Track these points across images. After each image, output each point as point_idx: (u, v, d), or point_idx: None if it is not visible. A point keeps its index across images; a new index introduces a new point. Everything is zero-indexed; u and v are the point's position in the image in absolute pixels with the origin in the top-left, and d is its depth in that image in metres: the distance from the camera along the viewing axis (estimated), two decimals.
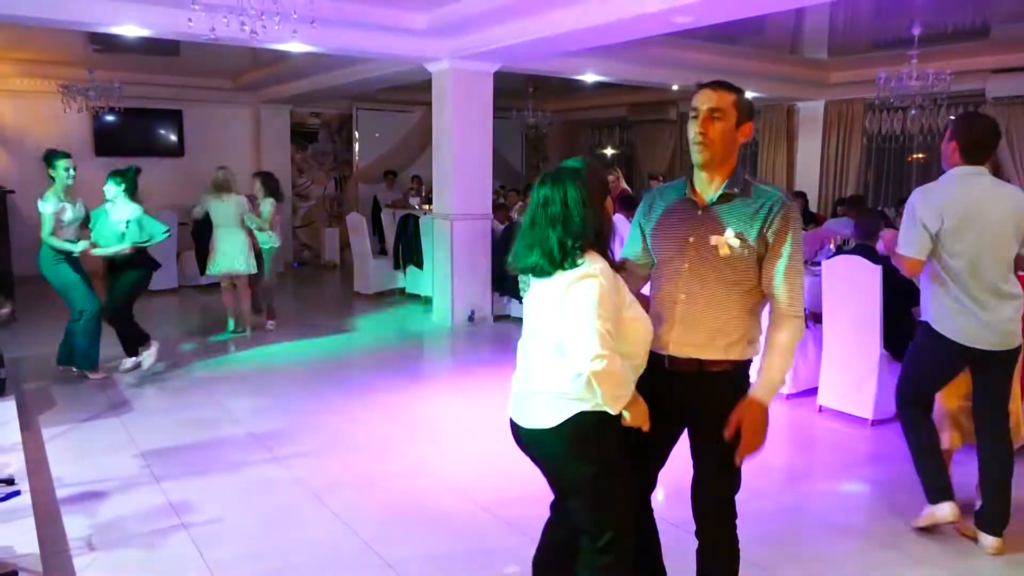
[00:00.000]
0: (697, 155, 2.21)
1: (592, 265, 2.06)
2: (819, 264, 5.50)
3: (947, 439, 3.70)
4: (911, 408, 3.55)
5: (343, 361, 6.56)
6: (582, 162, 2.19)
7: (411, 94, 11.65)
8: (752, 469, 2.41)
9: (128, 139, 11.12)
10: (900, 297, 4.87)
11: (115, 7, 5.63)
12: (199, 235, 9.74)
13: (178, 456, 4.22)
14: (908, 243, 3.23)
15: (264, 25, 3.91)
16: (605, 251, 2.14)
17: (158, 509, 3.55)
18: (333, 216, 13.11)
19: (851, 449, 4.68)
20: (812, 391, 5.28)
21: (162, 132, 11.60)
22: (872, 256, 4.87)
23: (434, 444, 4.64)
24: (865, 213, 7.08)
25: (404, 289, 9.63)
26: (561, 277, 2.07)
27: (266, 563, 3.13)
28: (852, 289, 4.89)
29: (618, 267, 2.22)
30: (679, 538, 2.69)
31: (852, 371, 4.98)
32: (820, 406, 5.19)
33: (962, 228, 3.13)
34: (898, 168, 10.85)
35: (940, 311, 3.27)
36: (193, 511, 3.53)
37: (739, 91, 2.25)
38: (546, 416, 2.12)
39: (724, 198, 2.23)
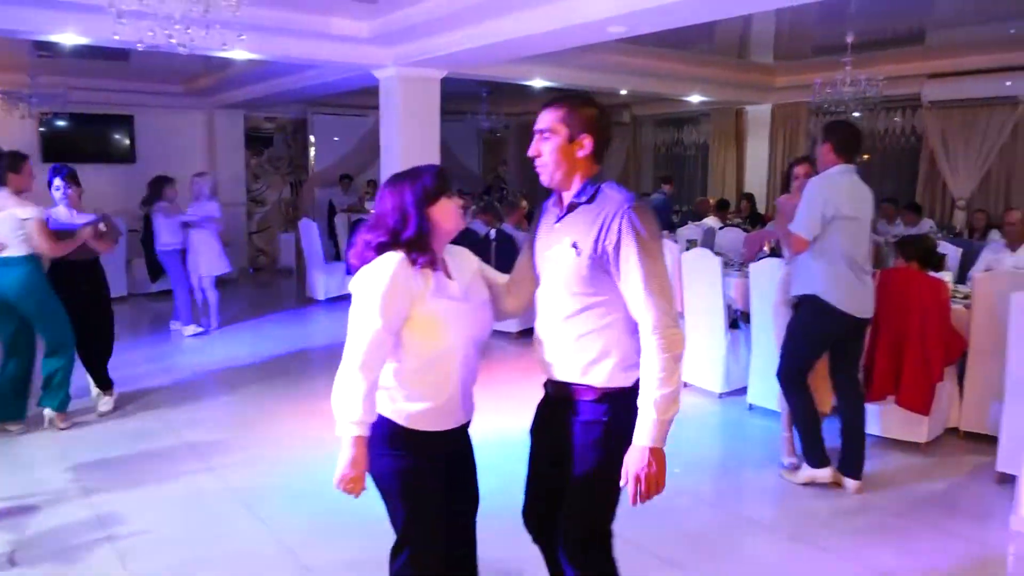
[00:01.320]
0: (540, 176, 2.19)
1: (374, 264, 2.06)
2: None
3: (822, 404, 4.19)
4: (798, 381, 4.03)
5: (290, 368, 6.59)
6: (430, 168, 2.17)
7: (366, 98, 11.62)
8: (692, 470, 2.50)
9: (78, 145, 10.97)
10: None
11: (53, 16, 5.61)
12: (148, 242, 9.71)
13: (111, 468, 4.23)
14: (804, 226, 3.79)
15: (192, 38, 3.95)
16: (422, 250, 2.09)
17: (85, 522, 3.57)
18: (289, 221, 13.08)
19: (777, 446, 4.83)
20: (743, 390, 5.45)
21: (114, 138, 11.50)
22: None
23: None
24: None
25: None
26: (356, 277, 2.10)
27: (188, 573, 3.17)
28: (774, 291, 5.03)
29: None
30: None
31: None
32: (750, 404, 5.35)
33: (848, 214, 3.77)
34: None
35: (831, 284, 3.82)
36: (120, 524, 3.56)
37: (573, 105, 2.14)
38: None
39: (571, 208, 2.15)
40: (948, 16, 7.78)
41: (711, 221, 9.33)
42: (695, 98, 10.70)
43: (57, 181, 5.37)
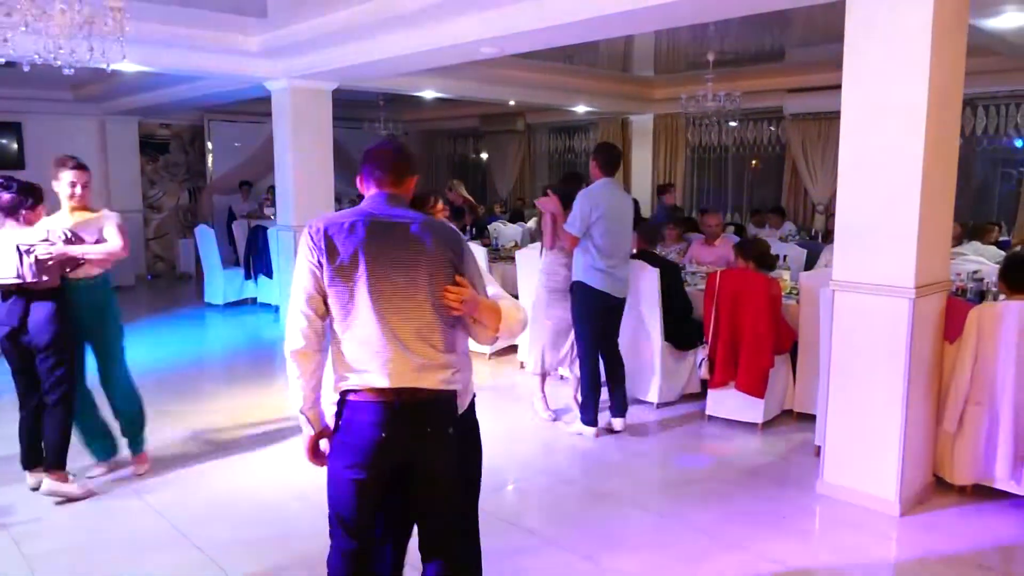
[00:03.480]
0: None
1: None
2: None
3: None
4: (593, 355, 5.09)
5: (188, 370, 6.78)
6: None
7: (264, 106, 11.66)
8: (554, 453, 2.84)
9: None
10: (678, 296, 5.66)
11: None
12: None
13: (3, 465, 4.40)
14: (574, 226, 4.90)
15: (77, 59, 4.17)
16: None
17: None
18: (187, 227, 13.05)
19: (638, 429, 5.39)
20: None
21: (1, 143, 11.27)
22: (652, 259, 5.62)
23: (266, 443, 5.01)
24: (673, 220, 7.96)
25: (256, 299, 9.84)
26: None
27: (82, 554, 3.46)
28: (636, 288, 5.59)
29: None
30: None
31: (640, 360, 5.70)
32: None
33: (609, 217, 4.90)
34: (717, 175, 11.99)
35: (591, 273, 4.93)
36: (13, 513, 3.82)
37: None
38: None
39: None
40: (805, 36, 8.58)
41: None
42: (581, 108, 11.31)
43: None
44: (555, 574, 3.36)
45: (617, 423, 5.22)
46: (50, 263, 3.92)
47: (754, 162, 11.68)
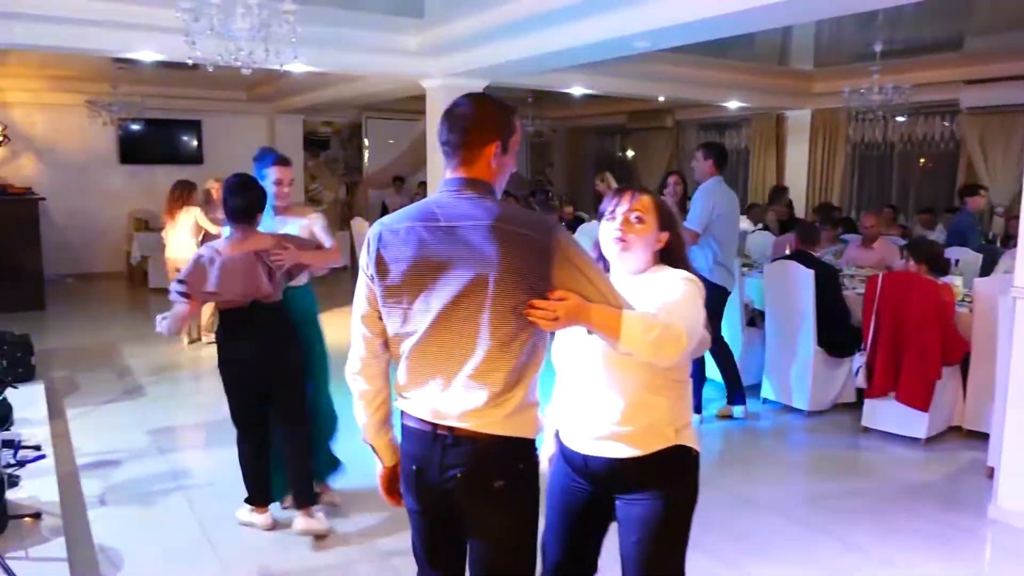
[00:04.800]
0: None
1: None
2: None
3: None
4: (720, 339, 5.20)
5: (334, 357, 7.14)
6: None
7: (418, 103, 12.18)
8: (706, 458, 2.82)
9: (151, 148, 11.87)
10: (834, 300, 5.38)
11: (130, 36, 6.25)
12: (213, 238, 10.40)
13: (182, 433, 4.86)
14: (696, 222, 4.93)
15: (255, 60, 4.51)
16: None
17: (161, 475, 4.21)
18: (344, 220, 13.74)
19: (787, 437, 5.18)
20: (758, 385, 5.79)
21: (183, 141, 12.32)
22: (807, 261, 5.36)
23: None
24: (827, 221, 7.57)
25: None
26: None
27: None
28: (789, 291, 5.38)
29: None
30: None
31: (791, 366, 5.47)
32: (764, 398, 5.69)
33: (726, 214, 5.02)
34: (880, 175, 11.26)
35: (714, 269, 4.96)
36: (190, 476, 4.19)
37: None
38: None
39: None
40: (986, 23, 7.92)
41: (744, 224, 9.60)
42: (733, 104, 10.96)
43: None
44: None
45: (738, 410, 5.35)
46: (281, 272, 3.39)
47: (922, 160, 10.89)
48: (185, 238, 7.22)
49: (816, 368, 5.34)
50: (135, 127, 11.39)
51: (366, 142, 13.67)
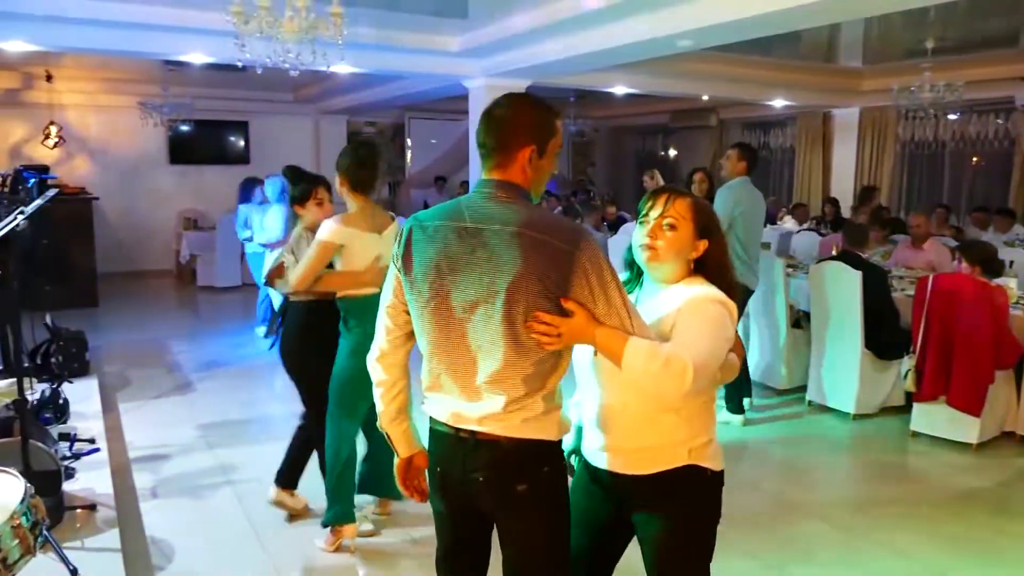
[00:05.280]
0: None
1: None
2: None
3: None
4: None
5: None
6: None
7: (460, 103, 12.28)
8: (746, 459, 2.77)
9: (199, 148, 12.12)
10: (882, 302, 5.28)
11: (182, 39, 6.41)
12: None
13: (230, 428, 4.95)
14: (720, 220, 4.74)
15: (302, 62, 4.60)
16: None
17: (210, 469, 4.29)
18: None
19: (833, 441, 5.09)
20: (803, 387, 5.70)
21: (231, 141, 12.56)
22: (855, 262, 5.27)
23: None
24: (876, 221, 7.42)
25: None
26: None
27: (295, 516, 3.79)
28: (836, 292, 5.29)
29: None
30: None
31: (837, 368, 5.38)
32: (809, 400, 5.61)
33: (750, 212, 5.03)
34: (930, 174, 11.00)
35: (735, 267, 4.81)
36: (238, 471, 4.26)
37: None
38: None
39: None
40: None
41: (789, 224, 9.47)
42: (779, 102, 10.81)
43: None
44: None
45: (738, 420, 5.25)
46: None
47: (975, 159, 10.62)
48: None
49: (863, 371, 5.25)
50: (184, 128, 11.64)
51: (409, 142, 13.78)
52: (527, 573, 1.88)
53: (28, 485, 2.22)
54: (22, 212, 2.88)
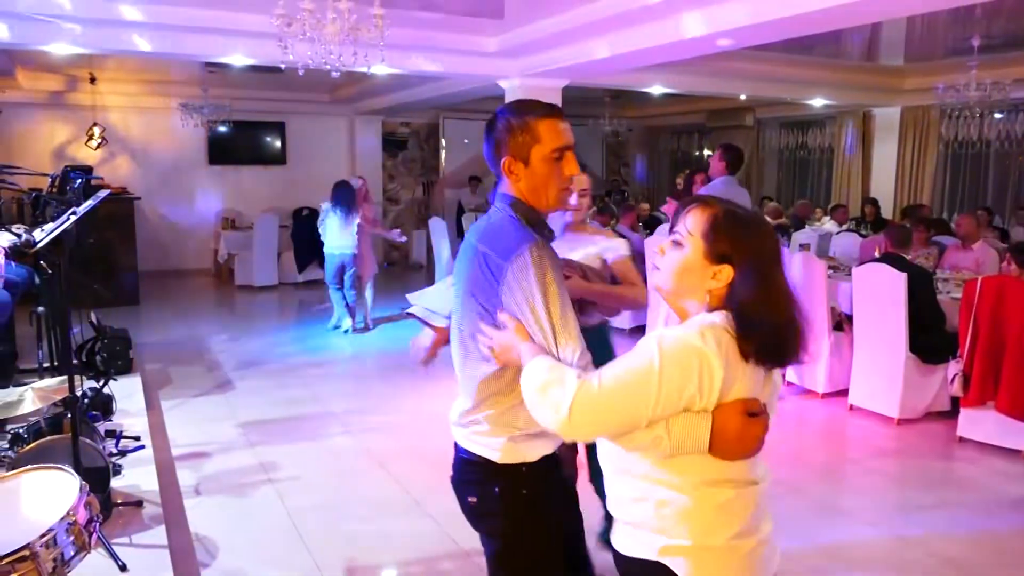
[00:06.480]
0: None
1: None
2: None
3: None
4: None
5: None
6: None
7: (494, 104, 12.27)
8: (787, 463, 2.72)
9: (237, 149, 12.28)
10: (928, 305, 5.17)
11: (225, 41, 6.48)
12: (297, 237, 10.76)
13: (269, 427, 5.00)
14: None
15: (343, 63, 4.63)
16: None
17: (250, 467, 4.34)
18: (421, 219, 13.94)
19: (876, 446, 5.00)
20: (845, 391, 5.61)
21: (268, 142, 12.69)
22: (899, 264, 5.17)
23: None
24: (919, 223, 7.27)
25: None
26: None
27: (333, 511, 3.83)
28: (879, 295, 5.20)
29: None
30: None
31: (881, 372, 5.28)
32: (851, 404, 5.51)
33: None
34: (975, 173, 10.76)
35: None
36: (278, 470, 4.30)
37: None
38: None
39: None
40: None
41: (829, 226, 9.33)
42: (818, 102, 10.65)
43: None
44: None
45: None
46: None
47: (1021, 158, 10.37)
48: None
49: (908, 375, 5.14)
50: (222, 129, 11.79)
51: (443, 142, 13.82)
52: None
53: (83, 482, 2.26)
54: (74, 213, 2.93)
